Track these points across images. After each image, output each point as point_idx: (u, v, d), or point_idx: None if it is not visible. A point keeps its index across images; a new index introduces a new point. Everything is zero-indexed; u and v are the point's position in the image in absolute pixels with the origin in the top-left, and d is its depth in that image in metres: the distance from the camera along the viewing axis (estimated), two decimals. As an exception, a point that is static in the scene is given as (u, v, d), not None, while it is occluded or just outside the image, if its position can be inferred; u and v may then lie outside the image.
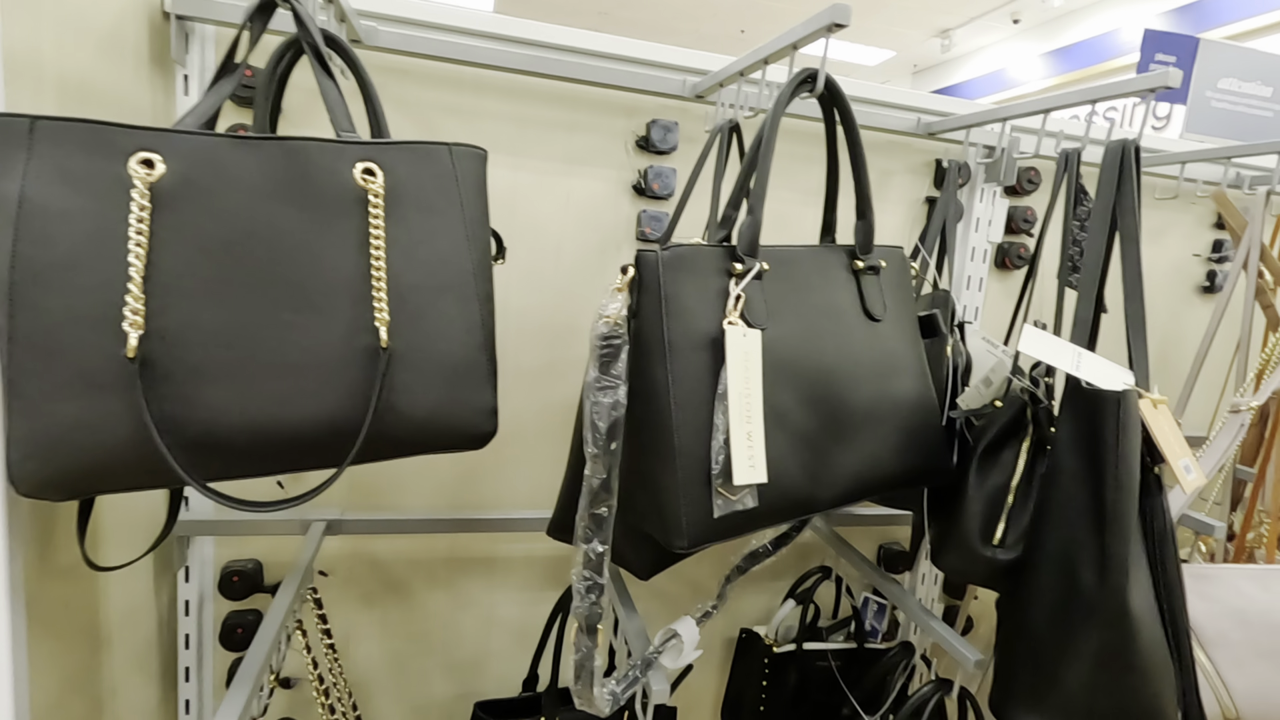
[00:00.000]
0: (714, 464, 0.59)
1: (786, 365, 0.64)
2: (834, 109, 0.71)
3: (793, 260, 0.68)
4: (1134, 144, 0.79)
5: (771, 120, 0.66)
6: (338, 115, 0.59)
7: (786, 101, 0.66)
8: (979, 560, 0.80)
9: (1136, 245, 0.78)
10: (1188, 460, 0.71)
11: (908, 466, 0.72)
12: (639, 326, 0.62)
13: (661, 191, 1.09)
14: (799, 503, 0.65)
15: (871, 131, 1.17)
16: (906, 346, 0.74)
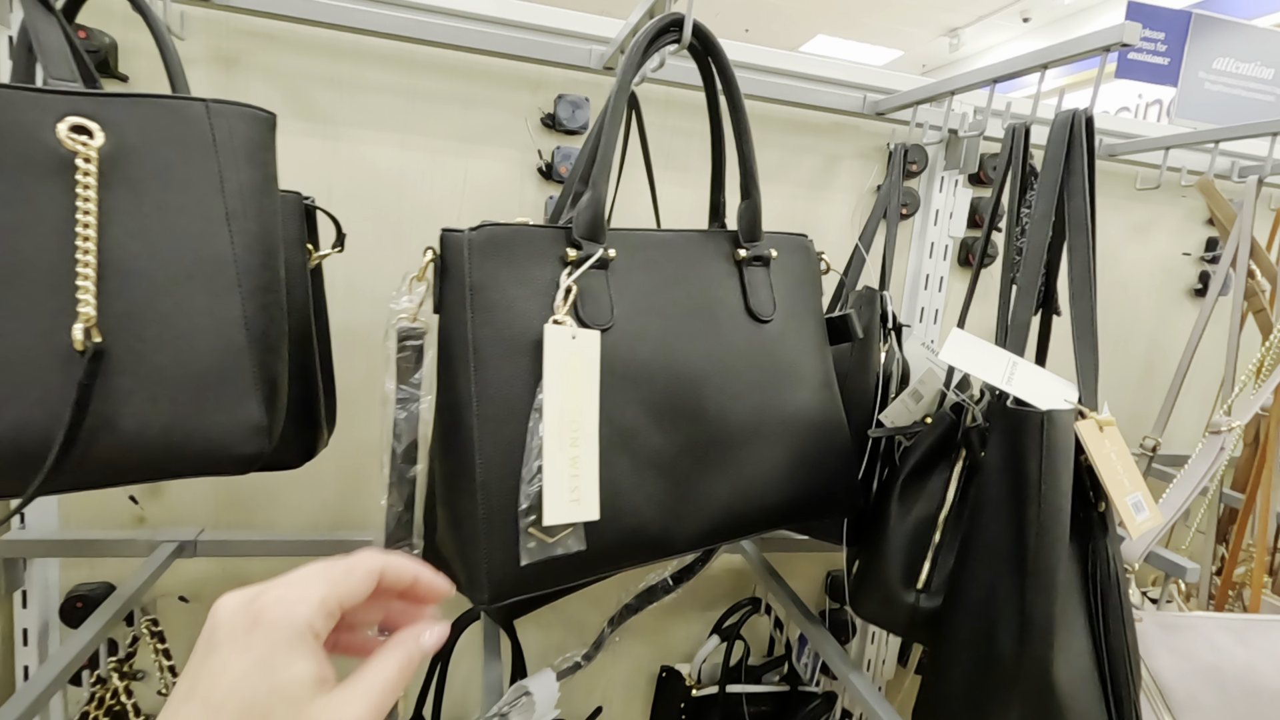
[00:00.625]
0: (523, 498, 0.47)
1: (638, 374, 0.52)
2: (709, 64, 0.59)
3: (654, 247, 0.56)
4: (1085, 114, 0.66)
5: (620, 77, 0.54)
6: (52, 60, 0.47)
7: (642, 54, 0.55)
8: (899, 607, 0.68)
9: (1086, 234, 0.65)
10: (1138, 496, 0.58)
11: (800, 497, 0.59)
12: (442, 324, 0.50)
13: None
14: (650, 543, 0.53)
15: (816, 112, 1.05)
16: (805, 352, 0.61)
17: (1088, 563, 0.58)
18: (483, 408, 0.48)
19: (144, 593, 0.81)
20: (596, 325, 0.51)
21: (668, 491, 0.53)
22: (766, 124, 1.05)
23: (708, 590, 1.15)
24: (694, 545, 0.54)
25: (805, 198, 1.08)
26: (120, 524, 0.93)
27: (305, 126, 0.90)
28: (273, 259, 0.53)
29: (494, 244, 0.50)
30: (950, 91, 0.86)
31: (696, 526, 0.54)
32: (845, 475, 0.63)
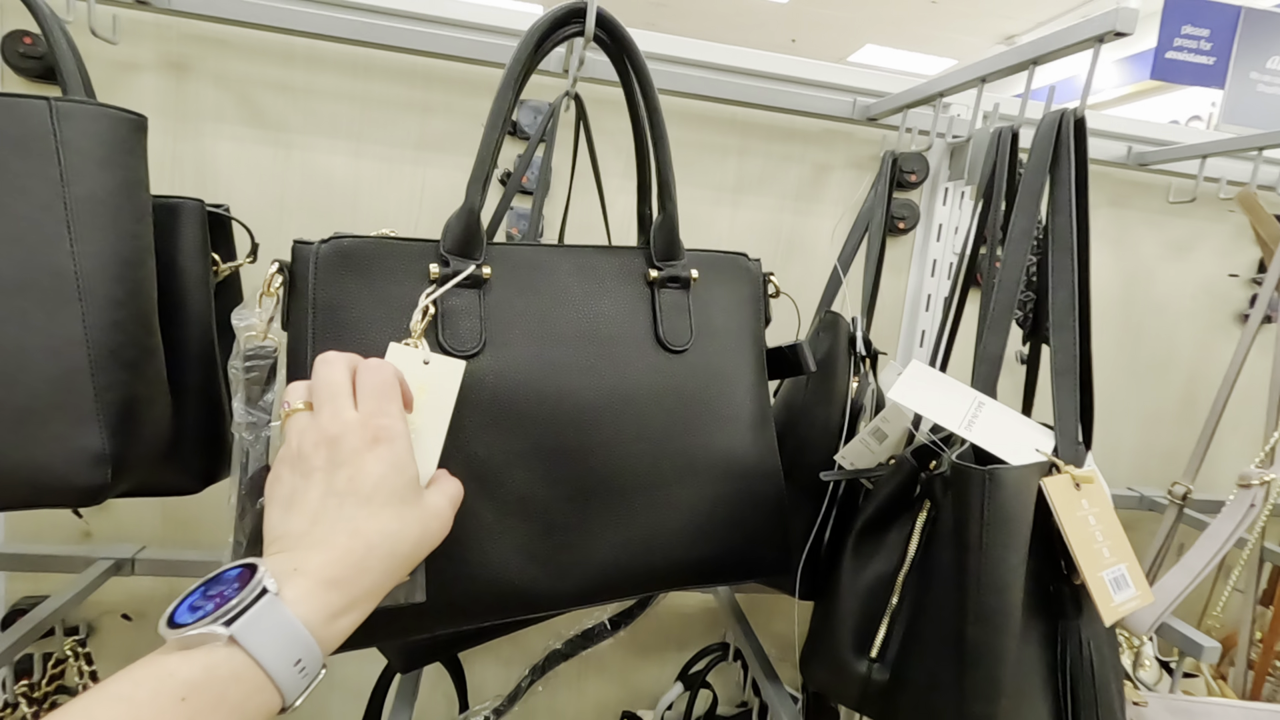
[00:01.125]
0: None
1: (510, 408, 0.46)
2: (623, 60, 0.53)
3: (544, 264, 0.49)
4: (1074, 114, 0.57)
5: (507, 73, 0.48)
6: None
7: (534, 46, 0.49)
8: (849, 676, 0.59)
9: (1070, 254, 0.56)
10: (1121, 569, 0.48)
11: (713, 555, 0.51)
12: (289, 344, 0.45)
13: (532, 185, 0.92)
14: (517, 596, 0.46)
15: (803, 118, 0.97)
16: (730, 387, 0.54)
17: (1059, 645, 0.48)
18: None
19: (70, 609, 0.78)
20: (460, 351, 0.45)
21: (541, 541, 0.46)
22: (749, 131, 0.97)
23: (682, 630, 1.07)
24: (579, 602, 0.47)
25: (792, 210, 1.00)
26: (66, 538, 0.91)
27: (257, 134, 0.88)
28: (133, 270, 0.49)
29: (346, 258, 0.45)
30: (939, 93, 0.77)
31: (580, 582, 0.47)
32: (772, 533, 0.54)
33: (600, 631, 0.74)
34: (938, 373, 0.57)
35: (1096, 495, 0.50)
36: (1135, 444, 1.16)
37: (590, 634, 0.74)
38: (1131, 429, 1.16)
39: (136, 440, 0.49)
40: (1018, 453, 0.50)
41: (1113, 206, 1.09)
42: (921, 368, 0.57)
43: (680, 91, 0.90)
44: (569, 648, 0.72)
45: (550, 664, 0.71)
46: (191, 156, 0.87)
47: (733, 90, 0.91)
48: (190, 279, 0.60)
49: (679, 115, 0.95)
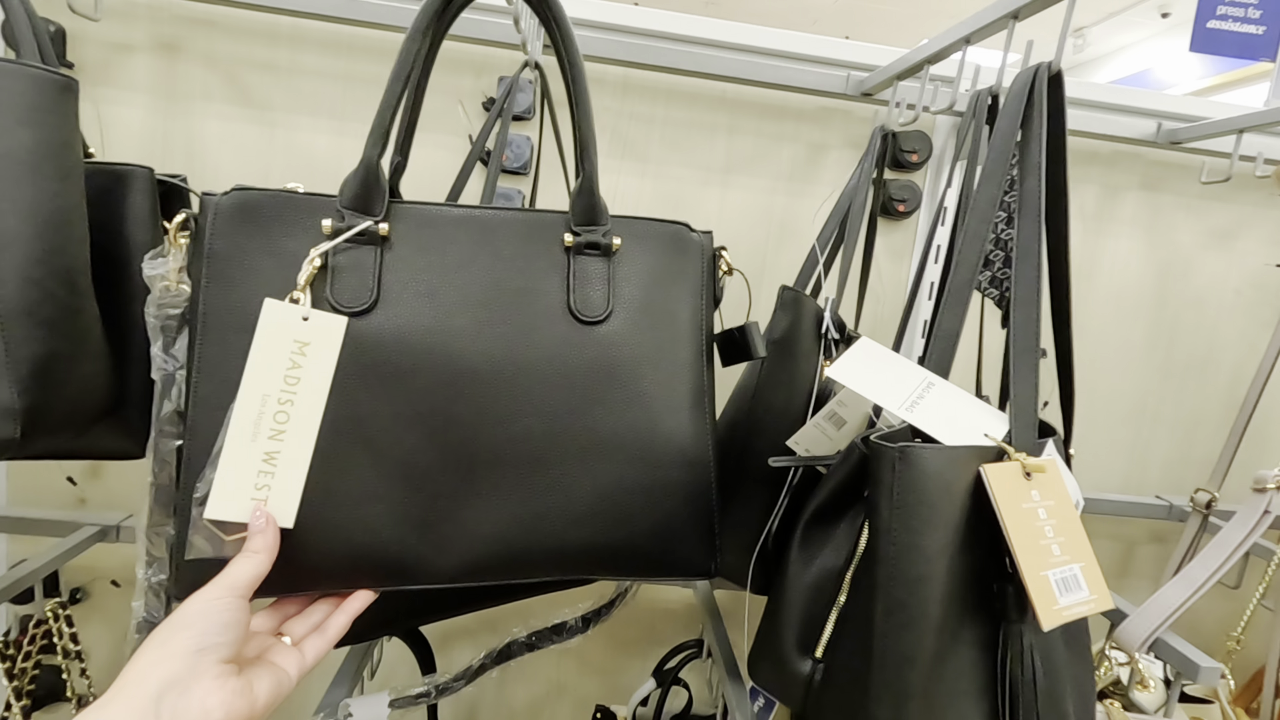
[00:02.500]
0: (200, 483, 0.41)
1: (398, 367, 0.44)
2: (544, 10, 0.50)
3: (450, 224, 0.47)
4: (1048, 67, 0.52)
5: (415, 21, 0.46)
6: None
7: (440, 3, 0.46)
8: (791, 676, 0.55)
9: (1037, 224, 0.50)
10: (1074, 569, 0.43)
11: (616, 543, 0.48)
12: (191, 292, 0.44)
13: (513, 163, 0.90)
14: (391, 565, 0.44)
15: (797, 95, 0.93)
16: (654, 364, 0.50)
17: (1002, 651, 0.43)
18: (200, 385, 0.42)
19: (47, 571, 0.80)
20: (349, 307, 0.43)
21: (420, 508, 0.44)
22: (740, 109, 0.94)
23: (662, 625, 1.03)
24: (459, 577, 0.45)
25: (785, 191, 0.96)
26: (65, 504, 0.94)
27: (243, 112, 0.89)
28: (54, 230, 0.49)
29: (244, 210, 0.44)
30: (926, 60, 0.72)
31: (460, 556, 0.45)
32: (693, 526, 0.50)
33: (571, 627, 0.71)
34: (889, 351, 0.52)
35: (1051, 487, 0.45)
36: (1169, 451, 1.07)
37: (560, 628, 0.71)
38: (1165, 435, 1.06)
39: (55, 398, 0.50)
40: (963, 437, 0.45)
41: (1144, 190, 1.01)
42: (870, 344, 0.53)
43: (665, 67, 0.88)
44: (535, 639, 0.70)
45: (513, 652, 0.69)
46: (181, 135, 0.89)
47: (720, 65, 0.88)
48: (136, 246, 0.60)
49: (665, 93, 0.92)
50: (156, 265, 0.46)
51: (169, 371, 0.47)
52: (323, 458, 0.43)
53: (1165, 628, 0.60)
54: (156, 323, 0.46)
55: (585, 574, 0.48)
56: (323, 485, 0.42)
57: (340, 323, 0.42)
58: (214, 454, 0.41)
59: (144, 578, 0.50)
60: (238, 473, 0.40)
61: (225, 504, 0.40)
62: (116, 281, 0.59)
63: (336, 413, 0.43)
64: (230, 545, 0.41)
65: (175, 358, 0.47)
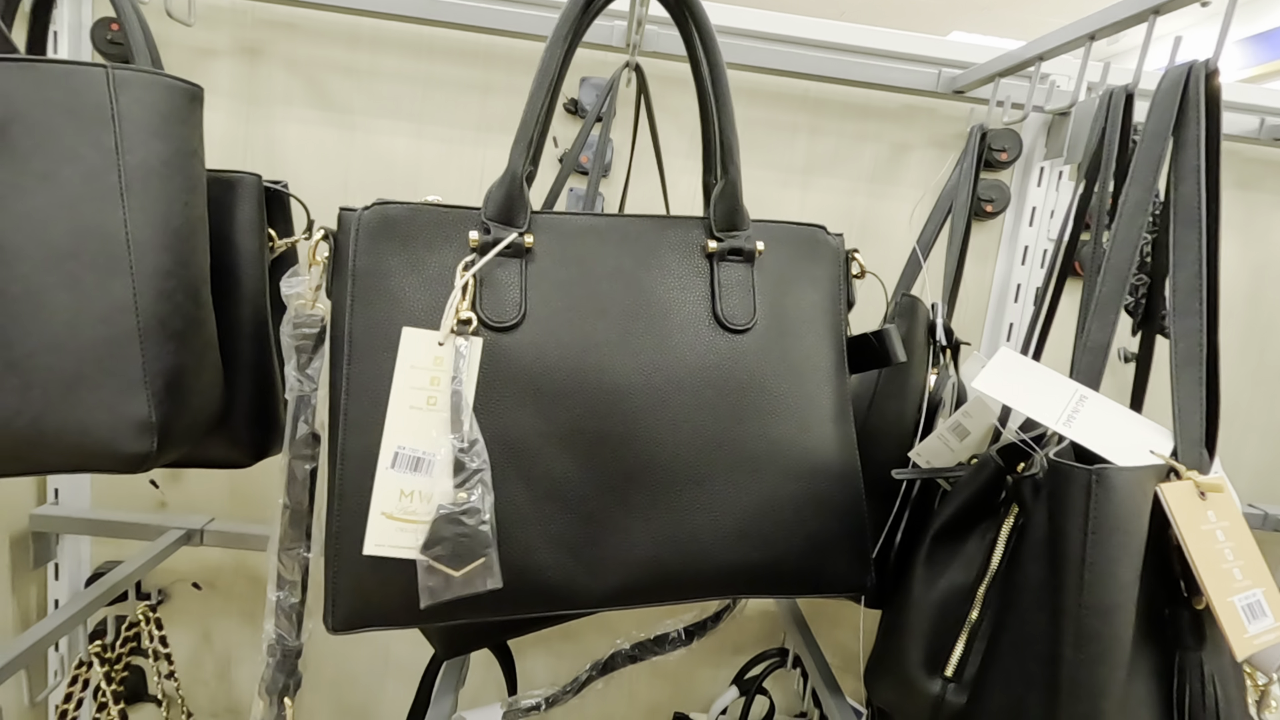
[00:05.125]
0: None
1: (547, 385, 0.43)
2: (683, 12, 0.49)
3: (593, 235, 0.46)
4: (1205, 66, 0.49)
5: (556, 28, 0.45)
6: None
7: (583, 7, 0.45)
8: (919, 696, 0.53)
9: (1199, 230, 0.48)
10: (1257, 594, 0.41)
11: (768, 562, 0.47)
12: (332, 311, 0.43)
13: (588, 165, 0.89)
14: (547, 590, 0.43)
15: (880, 92, 0.90)
16: (799, 374, 0.49)
17: (1173, 682, 0.41)
18: (350, 408, 0.41)
19: (142, 575, 0.81)
20: (498, 323, 0.42)
21: (574, 530, 0.43)
22: (821, 108, 0.92)
23: (739, 633, 1.02)
24: (611, 602, 0.44)
25: (866, 193, 0.94)
26: (145, 507, 0.95)
27: (323, 116, 0.88)
28: (183, 241, 0.49)
29: (388, 224, 0.43)
30: (1038, 56, 0.69)
31: (614, 580, 0.44)
32: (845, 541, 0.49)
33: (673, 639, 0.70)
34: (1031, 362, 0.50)
35: (1225, 507, 0.43)
36: (1261, 458, 1.03)
37: (663, 640, 0.70)
38: (1257, 441, 1.03)
39: (183, 410, 0.49)
40: (1127, 454, 0.43)
41: (1240, 189, 0.97)
42: (1012, 355, 0.51)
43: (746, 65, 0.86)
44: (638, 650, 0.69)
45: (616, 664, 0.68)
46: (261, 139, 0.88)
47: (805, 63, 0.86)
48: (245, 254, 0.60)
49: (746, 92, 0.91)
50: (294, 284, 0.45)
51: (305, 393, 0.46)
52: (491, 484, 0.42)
53: (1306, 649, 0.57)
54: (292, 342, 0.46)
55: (738, 594, 0.47)
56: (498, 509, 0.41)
57: (477, 344, 0.41)
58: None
59: (274, 599, 0.49)
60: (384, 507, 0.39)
61: (375, 539, 0.39)
62: (226, 290, 0.58)
63: (488, 430, 0.42)
64: (460, 582, 0.39)
65: (310, 378, 0.46)
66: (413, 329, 0.41)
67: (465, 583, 0.40)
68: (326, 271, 0.44)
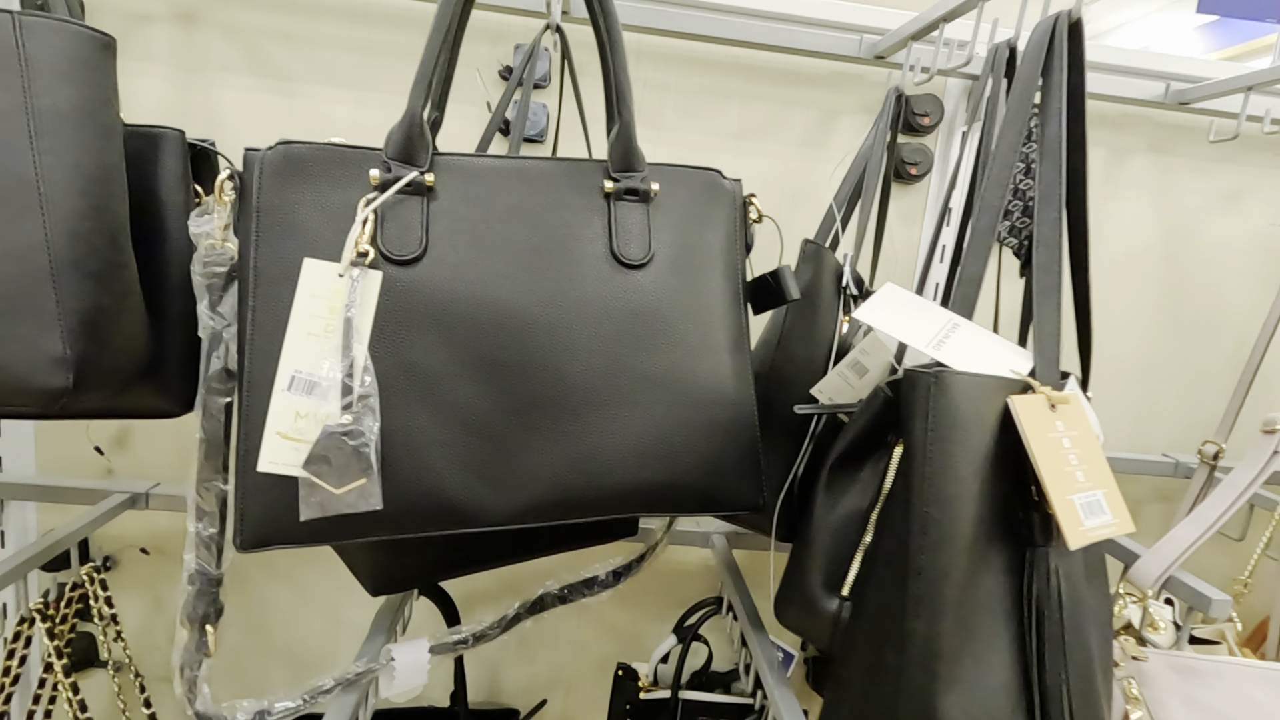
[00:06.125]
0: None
1: (450, 315, 0.46)
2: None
3: (494, 175, 0.49)
4: (1068, 15, 0.53)
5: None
6: None
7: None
8: (819, 616, 0.57)
9: (1059, 169, 0.52)
10: (1098, 495, 0.45)
11: (666, 481, 0.50)
12: (239, 248, 0.46)
13: (530, 131, 0.91)
14: (453, 509, 0.46)
15: (809, 59, 0.94)
16: (694, 308, 0.52)
17: (1027, 575, 0.45)
18: (255, 338, 0.44)
19: (84, 535, 0.82)
20: (399, 257, 0.45)
21: (479, 453, 0.46)
22: (753, 75, 0.94)
23: (681, 585, 1.06)
24: (518, 519, 0.47)
25: (798, 157, 0.97)
26: (92, 475, 0.96)
27: (262, 83, 0.89)
28: (98, 186, 0.50)
29: (291, 163, 0.45)
30: (941, 18, 0.73)
31: (520, 499, 0.47)
32: (738, 463, 0.52)
33: (602, 580, 0.73)
34: (912, 294, 0.54)
35: (1075, 419, 0.47)
36: (1176, 409, 1.09)
37: (591, 582, 0.73)
38: (1172, 393, 1.08)
39: (102, 351, 0.51)
40: (988, 372, 0.47)
41: (1153, 152, 1.02)
42: (896, 289, 0.54)
43: (678, 32, 0.88)
44: (567, 591, 0.72)
45: (545, 604, 0.71)
46: (201, 105, 0.89)
47: (733, 30, 0.88)
48: (170, 208, 0.61)
49: (679, 59, 0.93)
50: (202, 223, 0.47)
51: (216, 329, 0.48)
52: (382, 406, 0.44)
53: (1177, 565, 0.62)
54: (203, 280, 0.48)
55: (638, 511, 0.50)
56: (384, 432, 0.43)
57: (376, 276, 0.43)
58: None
59: (195, 531, 0.51)
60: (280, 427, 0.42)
61: (269, 458, 0.42)
62: (151, 243, 0.60)
63: (391, 361, 0.44)
64: (342, 499, 0.42)
65: (222, 315, 0.48)
66: (314, 260, 0.43)
67: (345, 500, 0.43)
68: (234, 210, 0.46)
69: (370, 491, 0.43)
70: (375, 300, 0.44)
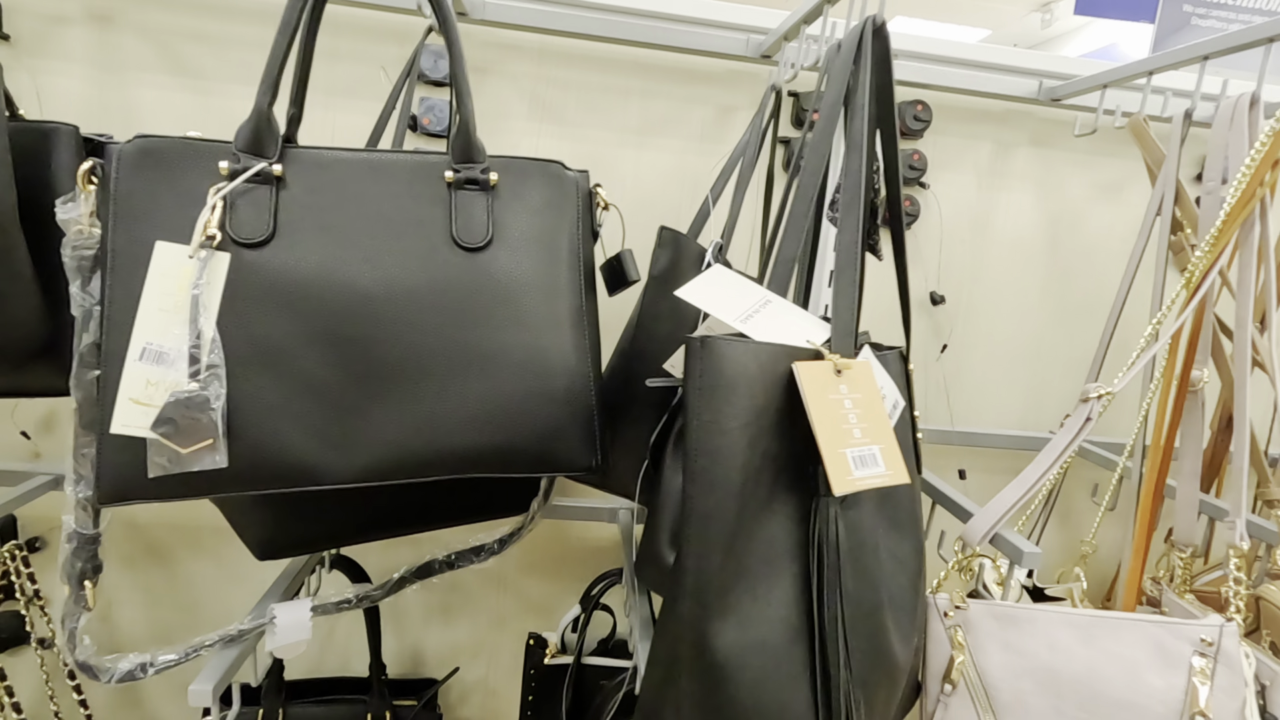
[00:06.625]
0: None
1: (296, 294, 0.50)
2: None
3: (341, 166, 0.54)
4: (873, 20, 0.58)
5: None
6: None
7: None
8: (664, 571, 0.62)
9: (860, 157, 0.57)
10: (872, 450, 0.51)
11: (501, 445, 0.55)
12: (101, 232, 0.50)
13: (434, 127, 0.96)
14: (299, 468, 0.50)
15: (706, 58, 0.99)
16: (532, 288, 0.57)
17: (813, 520, 0.51)
18: (112, 313, 0.48)
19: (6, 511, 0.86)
20: (247, 241, 0.50)
21: (324, 418, 0.51)
22: (652, 73, 0.99)
23: (595, 560, 1.11)
24: (361, 478, 0.52)
25: (696, 152, 1.02)
26: (19, 458, 0.99)
27: (178, 81, 0.93)
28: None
29: (147, 155, 0.50)
30: (802, 20, 0.78)
31: (362, 459, 0.52)
32: (573, 429, 0.57)
33: (488, 548, 0.78)
34: (739, 276, 0.59)
35: (860, 384, 0.52)
36: (1063, 389, 1.15)
37: (479, 549, 0.78)
38: (1059, 374, 1.15)
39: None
40: (785, 342, 0.52)
41: (1035, 146, 1.08)
42: (723, 271, 0.60)
43: (579, 33, 0.93)
44: (455, 558, 0.77)
45: (433, 569, 0.76)
46: (119, 105, 0.93)
47: (631, 31, 0.93)
48: (65, 199, 0.66)
49: (581, 59, 0.98)
50: (69, 210, 0.51)
51: (86, 307, 0.53)
52: (232, 377, 0.49)
53: (1003, 523, 0.68)
54: (73, 263, 0.52)
55: (478, 471, 0.55)
56: (234, 399, 0.48)
57: (224, 259, 0.48)
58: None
59: (72, 494, 0.55)
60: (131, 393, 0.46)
61: (121, 421, 0.46)
62: (47, 232, 0.64)
63: (240, 334, 0.49)
64: (189, 458, 0.47)
65: (91, 295, 0.52)
66: (165, 243, 0.48)
67: (191, 459, 0.48)
68: (98, 198, 0.50)
69: (216, 451, 0.48)
70: (223, 280, 0.49)
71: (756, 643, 0.47)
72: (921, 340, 1.10)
